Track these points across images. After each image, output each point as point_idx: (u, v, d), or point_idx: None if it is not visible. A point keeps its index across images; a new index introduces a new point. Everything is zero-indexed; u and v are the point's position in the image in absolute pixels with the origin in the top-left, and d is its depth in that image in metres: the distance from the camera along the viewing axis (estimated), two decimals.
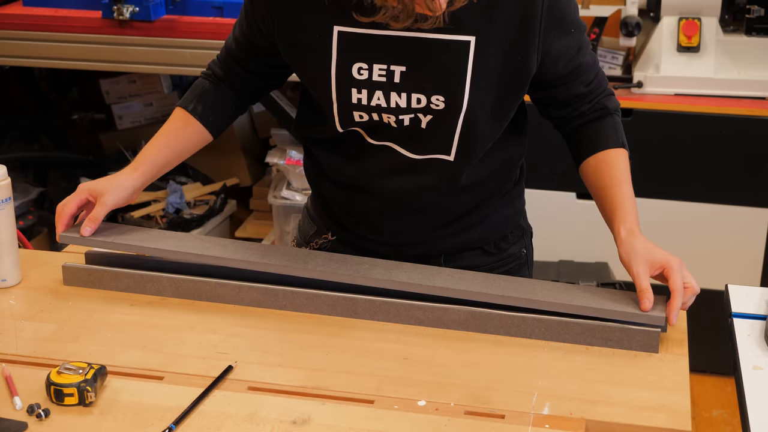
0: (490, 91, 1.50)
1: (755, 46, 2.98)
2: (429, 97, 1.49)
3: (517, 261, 1.75)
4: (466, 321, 1.49)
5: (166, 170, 1.69)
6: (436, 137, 1.54)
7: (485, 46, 1.47)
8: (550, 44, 1.50)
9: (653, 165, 2.96)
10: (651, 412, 1.30)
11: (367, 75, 1.49)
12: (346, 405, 1.32)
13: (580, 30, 1.55)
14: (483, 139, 1.56)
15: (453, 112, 1.50)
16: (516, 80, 1.51)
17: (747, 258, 3.02)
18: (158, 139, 1.68)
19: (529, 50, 1.49)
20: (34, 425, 1.28)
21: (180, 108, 1.69)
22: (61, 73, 3.82)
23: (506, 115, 1.56)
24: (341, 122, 1.55)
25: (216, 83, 1.70)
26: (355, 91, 1.51)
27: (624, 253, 1.50)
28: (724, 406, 3.05)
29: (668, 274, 1.46)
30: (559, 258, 3.11)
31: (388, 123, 1.53)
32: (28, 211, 3.35)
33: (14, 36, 2.95)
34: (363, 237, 1.70)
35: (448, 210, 1.64)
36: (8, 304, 1.60)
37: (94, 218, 1.61)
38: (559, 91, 1.60)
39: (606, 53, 3.14)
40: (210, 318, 1.54)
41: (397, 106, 1.51)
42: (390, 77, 1.49)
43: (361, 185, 1.63)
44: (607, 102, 1.63)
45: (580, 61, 1.57)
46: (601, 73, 1.63)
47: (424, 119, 1.52)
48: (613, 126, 1.62)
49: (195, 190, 3.44)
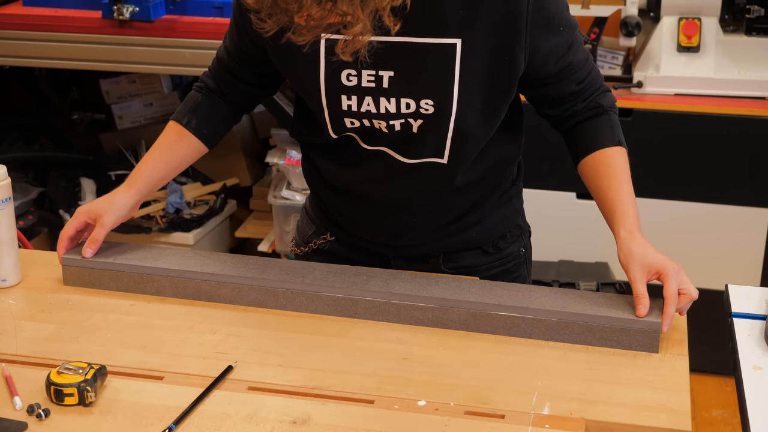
0: (478, 92, 1.49)
1: (755, 46, 2.98)
2: (418, 101, 1.49)
3: (515, 260, 1.75)
4: (466, 321, 1.50)
5: (162, 184, 1.70)
6: (429, 141, 1.53)
7: (472, 49, 1.46)
8: (538, 44, 1.49)
9: (653, 165, 2.96)
10: (651, 412, 1.30)
11: (356, 81, 1.49)
12: (346, 405, 1.32)
13: (569, 28, 1.53)
14: (475, 140, 1.55)
15: (443, 116, 1.50)
16: (504, 81, 1.51)
17: (747, 258, 3.02)
18: (153, 155, 1.68)
19: (516, 51, 1.48)
20: (34, 425, 1.28)
21: (174, 122, 1.69)
22: (61, 73, 3.82)
23: (497, 115, 1.55)
24: (334, 128, 1.55)
25: (209, 95, 1.70)
26: (344, 98, 1.50)
27: (622, 255, 1.49)
28: (724, 406, 3.05)
29: (664, 280, 1.45)
30: (559, 258, 3.11)
31: (379, 129, 1.53)
32: (28, 211, 3.35)
33: (14, 36, 2.95)
34: (362, 238, 1.70)
35: (446, 210, 1.64)
36: (8, 304, 1.60)
37: (95, 240, 1.63)
38: (551, 90, 1.58)
39: (606, 53, 3.14)
40: (210, 318, 1.54)
41: (387, 112, 1.50)
42: (379, 82, 1.48)
43: (358, 190, 1.64)
44: (602, 100, 1.61)
45: (570, 60, 1.55)
46: (595, 70, 1.61)
47: (414, 124, 1.51)
48: (609, 124, 1.61)
49: (195, 190, 3.44)
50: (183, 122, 1.68)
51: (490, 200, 1.67)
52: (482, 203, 1.66)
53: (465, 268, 1.69)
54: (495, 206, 1.69)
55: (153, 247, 1.68)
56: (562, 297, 1.51)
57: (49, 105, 3.82)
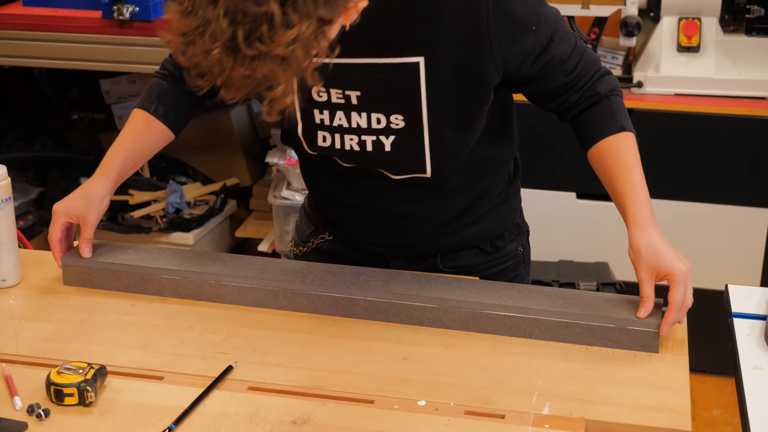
0: (449, 105, 1.47)
1: (755, 46, 2.98)
2: (388, 116, 1.48)
3: (513, 259, 1.75)
4: (466, 321, 1.50)
5: (132, 172, 1.70)
6: (407, 159, 1.52)
7: (436, 64, 1.44)
8: (508, 50, 1.45)
9: (653, 165, 2.96)
10: (651, 412, 1.30)
11: (326, 97, 1.48)
12: (346, 405, 1.32)
13: (546, 23, 1.47)
14: (456, 150, 1.54)
15: (416, 131, 1.48)
16: (477, 91, 1.48)
17: (747, 258, 3.02)
18: (123, 143, 1.67)
19: (484, 62, 1.44)
20: (34, 425, 1.28)
21: (140, 109, 1.68)
22: (61, 73, 3.82)
23: (476, 124, 1.53)
24: (308, 144, 1.55)
25: (174, 83, 1.68)
26: (317, 112, 1.50)
27: (631, 252, 1.46)
28: (724, 406, 3.05)
29: (671, 285, 1.42)
30: (559, 258, 3.11)
31: (351, 148, 1.52)
32: (28, 211, 3.35)
33: (14, 36, 2.95)
34: (359, 239, 1.70)
35: (442, 213, 1.64)
36: (8, 304, 1.60)
37: (87, 239, 1.64)
38: (539, 86, 1.54)
39: (606, 53, 3.14)
40: (210, 318, 1.54)
41: (359, 126, 1.50)
42: (347, 100, 1.48)
43: (350, 201, 1.64)
44: (599, 86, 1.55)
45: (551, 55, 1.49)
46: (587, 57, 1.54)
47: (386, 141, 1.50)
48: (609, 111, 1.55)
49: (195, 190, 3.44)
50: (151, 110, 1.67)
51: (486, 200, 1.67)
52: (479, 203, 1.66)
53: (463, 267, 1.69)
54: (492, 206, 1.68)
55: (153, 247, 1.68)
56: (562, 297, 1.51)
57: (49, 105, 3.82)
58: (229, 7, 1.12)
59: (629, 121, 1.56)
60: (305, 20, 1.14)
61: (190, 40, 1.16)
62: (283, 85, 1.19)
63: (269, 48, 1.13)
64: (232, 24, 1.12)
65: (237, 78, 1.18)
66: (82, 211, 1.63)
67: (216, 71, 1.18)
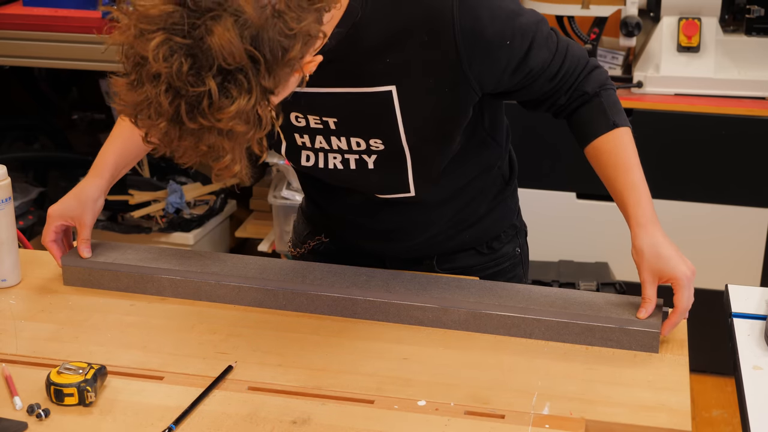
0: (428, 128, 1.46)
1: (755, 46, 2.98)
2: (367, 140, 1.48)
3: (511, 260, 1.75)
4: (466, 321, 1.50)
5: (125, 171, 1.71)
6: (390, 179, 1.52)
7: (409, 92, 1.42)
8: (481, 69, 1.41)
9: (653, 165, 2.96)
10: (651, 412, 1.30)
11: (304, 123, 1.48)
12: (346, 405, 1.32)
13: (521, 35, 1.42)
14: (438, 168, 1.53)
15: (396, 152, 1.48)
16: (456, 111, 1.46)
17: (747, 258, 3.02)
18: (116, 143, 1.68)
19: (459, 84, 1.42)
20: (34, 425, 1.28)
21: None
22: (61, 73, 3.82)
23: (456, 139, 1.51)
24: (293, 162, 1.56)
25: None
26: (297, 136, 1.50)
27: (634, 253, 1.45)
28: (724, 406, 3.05)
29: (675, 289, 1.42)
30: (559, 258, 3.11)
31: (334, 167, 1.52)
32: (28, 211, 3.35)
33: (14, 36, 2.96)
34: (355, 243, 1.70)
35: (436, 219, 1.63)
36: (8, 304, 1.60)
37: (85, 240, 1.64)
38: (522, 95, 1.52)
39: (606, 53, 3.14)
40: (210, 318, 1.54)
41: (340, 148, 1.50)
42: (326, 125, 1.48)
43: (341, 213, 1.66)
44: (586, 85, 1.51)
45: (530, 66, 1.45)
46: (571, 57, 1.49)
47: (369, 159, 1.50)
48: (600, 108, 1.51)
49: (195, 190, 3.44)
50: None
51: (480, 202, 1.66)
52: (471, 205, 1.65)
53: (459, 269, 1.69)
54: (488, 208, 1.68)
55: (153, 247, 1.68)
56: (562, 297, 1.51)
57: (49, 105, 3.82)
58: (170, 85, 1.12)
59: (622, 115, 1.53)
60: (245, 95, 1.14)
61: (138, 110, 1.16)
62: (230, 155, 1.19)
63: (211, 122, 1.13)
64: (174, 100, 1.13)
65: (184, 147, 1.18)
66: (77, 213, 1.63)
67: (165, 141, 1.18)
